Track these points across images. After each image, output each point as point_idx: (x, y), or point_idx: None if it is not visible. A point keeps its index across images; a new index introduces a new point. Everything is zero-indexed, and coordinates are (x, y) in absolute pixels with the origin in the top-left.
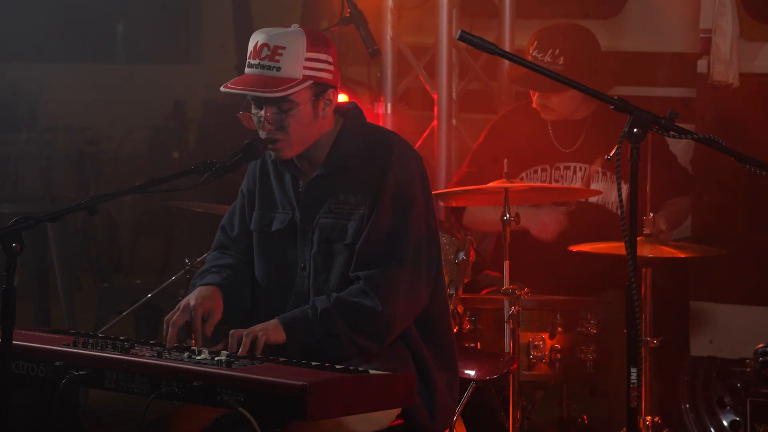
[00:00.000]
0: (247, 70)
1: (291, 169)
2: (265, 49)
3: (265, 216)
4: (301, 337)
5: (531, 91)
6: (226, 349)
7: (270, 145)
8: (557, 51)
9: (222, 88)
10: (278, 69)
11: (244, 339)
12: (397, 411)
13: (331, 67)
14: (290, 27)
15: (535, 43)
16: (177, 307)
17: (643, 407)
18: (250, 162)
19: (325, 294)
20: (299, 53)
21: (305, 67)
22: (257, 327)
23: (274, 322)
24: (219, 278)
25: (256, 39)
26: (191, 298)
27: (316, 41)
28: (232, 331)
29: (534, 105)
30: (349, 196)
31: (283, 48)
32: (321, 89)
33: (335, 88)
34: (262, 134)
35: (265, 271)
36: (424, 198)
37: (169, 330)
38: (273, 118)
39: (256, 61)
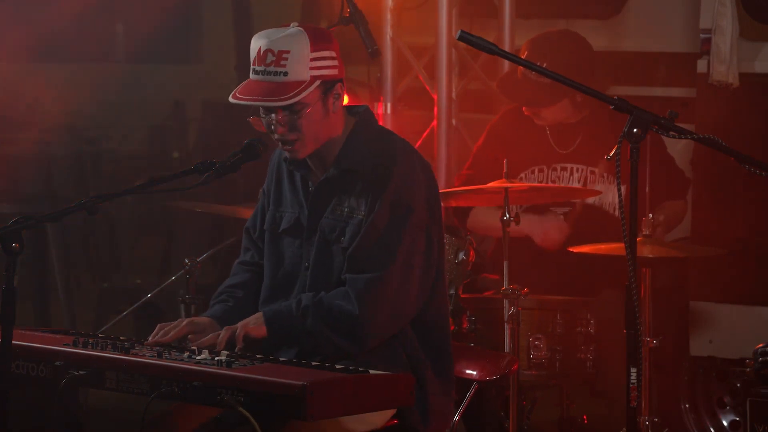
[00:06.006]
0: (252, 76)
1: (302, 169)
2: (270, 54)
3: (275, 215)
4: (282, 331)
5: None
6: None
7: (286, 147)
8: (545, 64)
9: (231, 99)
10: (285, 74)
11: (222, 334)
12: (392, 412)
13: (335, 63)
14: (289, 27)
15: (526, 53)
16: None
17: (643, 407)
18: (270, 161)
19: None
20: (304, 55)
21: (312, 68)
22: (239, 323)
23: (257, 315)
24: (222, 309)
25: (258, 44)
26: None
27: (318, 39)
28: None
29: (526, 112)
30: (351, 200)
31: (288, 52)
32: (329, 86)
33: (342, 81)
34: (275, 137)
35: (271, 269)
36: (427, 209)
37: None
38: (285, 120)
39: (262, 68)
